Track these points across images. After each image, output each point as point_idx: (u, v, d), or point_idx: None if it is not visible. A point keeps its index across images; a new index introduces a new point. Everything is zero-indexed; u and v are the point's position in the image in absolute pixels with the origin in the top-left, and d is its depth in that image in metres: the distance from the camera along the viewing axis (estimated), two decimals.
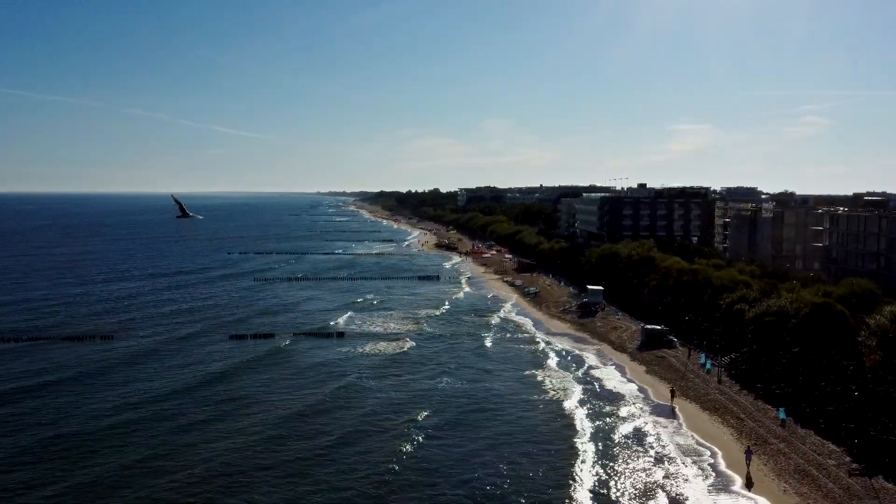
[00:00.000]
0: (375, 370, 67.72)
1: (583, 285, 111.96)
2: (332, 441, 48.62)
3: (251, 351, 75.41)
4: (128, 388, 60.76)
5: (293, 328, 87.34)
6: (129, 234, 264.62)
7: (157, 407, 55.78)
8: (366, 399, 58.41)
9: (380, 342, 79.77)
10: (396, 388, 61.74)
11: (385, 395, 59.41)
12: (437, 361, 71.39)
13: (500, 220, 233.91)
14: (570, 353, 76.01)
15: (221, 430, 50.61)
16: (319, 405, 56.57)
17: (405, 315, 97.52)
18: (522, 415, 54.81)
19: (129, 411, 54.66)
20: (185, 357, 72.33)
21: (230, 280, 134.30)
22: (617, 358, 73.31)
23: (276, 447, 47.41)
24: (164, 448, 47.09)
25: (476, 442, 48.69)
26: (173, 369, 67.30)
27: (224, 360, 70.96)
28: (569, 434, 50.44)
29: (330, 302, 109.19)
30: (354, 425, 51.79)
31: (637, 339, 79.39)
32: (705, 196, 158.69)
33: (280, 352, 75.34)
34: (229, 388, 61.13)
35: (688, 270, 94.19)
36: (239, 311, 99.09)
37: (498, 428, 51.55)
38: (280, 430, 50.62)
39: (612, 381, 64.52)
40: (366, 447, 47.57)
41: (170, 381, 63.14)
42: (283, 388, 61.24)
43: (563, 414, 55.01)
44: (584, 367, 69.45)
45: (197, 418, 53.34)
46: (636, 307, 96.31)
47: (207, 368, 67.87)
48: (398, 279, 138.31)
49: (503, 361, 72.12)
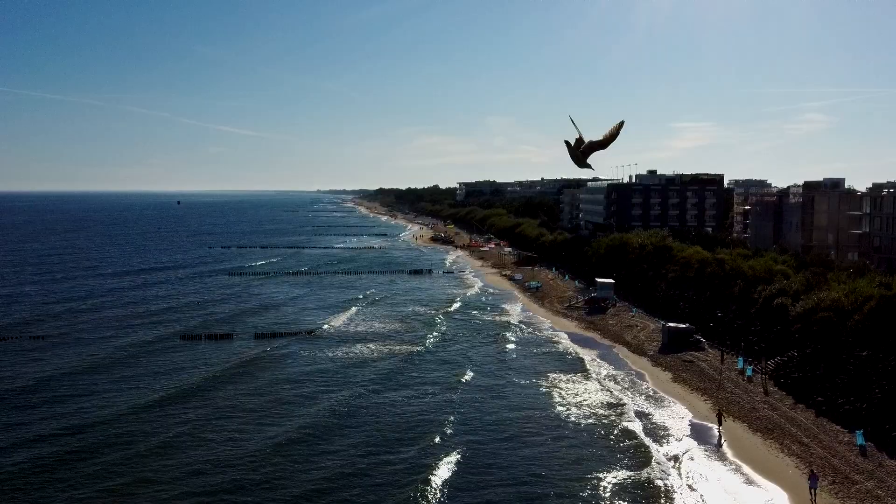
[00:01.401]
0: (354, 384, 55.95)
1: (590, 279, 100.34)
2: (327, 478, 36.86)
3: (213, 357, 63.65)
4: (66, 408, 48.49)
5: (256, 329, 75.58)
6: (113, 230, 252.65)
7: (103, 433, 43.51)
8: (356, 428, 46.61)
9: (359, 345, 68.00)
10: (395, 410, 49.95)
11: (379, 423, 47.64)
12: (429, 373, 59.60)
13: (500, 213, 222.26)
14: (577, 357, 64.19)
15: (185, 462, 38.75)
16: (306, 433, 44.34)
17: (388, 314, 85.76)
18: (540, 443, 43.05)
19: (68, 437, 42.68)
20: (137, 367, 60.24)
21: (203, 276, 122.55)
22: (635, 363, 61.48)
23: (256, 487, 35.62)
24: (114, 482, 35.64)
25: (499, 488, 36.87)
26: (122, 382, 55.05)
27: (191, 370, 59.17)
28: (587, 470, 38.59)
29: (302, 301, 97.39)
30: (352, 463, 39.23)
31: (657, 340, 67.66)
32: (720, 183, 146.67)
33: (252, 362, 63.41)
34: (195, 406, 49.10)
35: (712, 260, 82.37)
36: (200, 312, 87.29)
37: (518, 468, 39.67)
38: (261, 467, 38.28)
39: (634, 394, 52.66)
40: None
41: (118, 397, 50.83)
42: (261, 407, 49.25)
43: (573, 438, 43.25)
44: (599, 376, 57.59)
45: (155, 443, 41.52)
46: (652, 302, 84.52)
47: (168, 380, 56.02)
48: (387, 274, 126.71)
49: (500, 368, 60.32)
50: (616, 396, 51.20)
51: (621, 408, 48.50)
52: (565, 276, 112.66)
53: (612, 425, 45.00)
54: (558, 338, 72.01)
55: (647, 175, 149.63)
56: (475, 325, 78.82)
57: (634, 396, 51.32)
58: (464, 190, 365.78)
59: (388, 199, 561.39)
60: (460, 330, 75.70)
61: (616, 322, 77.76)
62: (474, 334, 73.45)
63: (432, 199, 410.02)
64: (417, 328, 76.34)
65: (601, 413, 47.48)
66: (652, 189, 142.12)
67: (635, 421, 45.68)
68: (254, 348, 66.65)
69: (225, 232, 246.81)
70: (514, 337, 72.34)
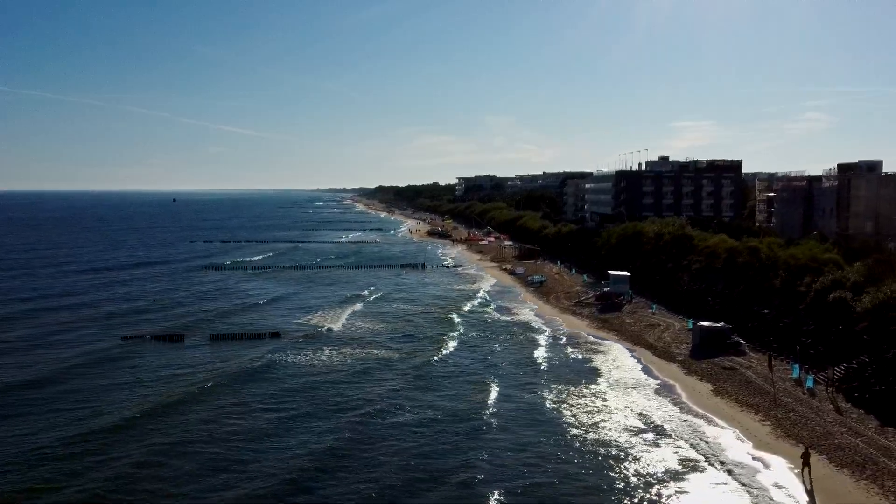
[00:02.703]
0: (328, 406, 45.05)
1: (600, 273, 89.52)
2: None
3: (160, 364, 52.78)
4: None
5: (215, 328, 64.70)
6: (96, 226, 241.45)
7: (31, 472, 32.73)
8: (353, 472, 35.66)
9: (331, 350, 57.07)
10: (394, 447, 39.01)
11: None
12: (425, 392, 48.66)
13: (500, 206, 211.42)
14: (593, 364, 53.20)
15: None
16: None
17: (370, 312, 74.88)
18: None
19: None
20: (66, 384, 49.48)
21: (175, 273, 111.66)
22: (663, 370, 50.44)
23: None
24: None
25: None
26: (56, 404, 44.38)
27: (132, 384, 48.32)
28: None
29: (275, 299, 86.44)
30: None
31: (686, 342, 56.70)
32: (738, 170, 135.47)
33: (210, 373, 52.50)
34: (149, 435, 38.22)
35: (744, 250, 71.36)
36: (156, 311, 76.46)
37: None
38: None
39: (668, 412, 41.65)
40: None
41: (51, 423, 40.10)
42: (207, 452, 38.39)
43: (592, 476, 32.30)
44: (620, 387, 46.59)
45: None
46: (674, 298, 73.59)
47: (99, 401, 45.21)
48: (378, 268, 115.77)
49: (499, 379, 49.37)
50: (645, 416, 40.18)
51: (655, 432, 37.48)
52: (572, 270, 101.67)
53: (646, 460, 33.98)
54: (567, 340, 60.94)
55: (658, 162, 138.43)
56: (469, 325, 67.82)
57: (668, 416, 40.26)
58: (463, 185, 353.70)
59: (387, 196, 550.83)
60: (456, 329, 64.73)
61: (634, 320, 66.73)
62: (464, 337, 62.46)
63: (431, 195, 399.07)
64: (403, 329, 65.41)
65: (627, 441, 36.46)
66: (664, 176, 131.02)
67: (676, 454, 34.64)
68: (207, 354, 55.75)
69: (213, 228, 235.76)
70: (512, 337, 61.36)
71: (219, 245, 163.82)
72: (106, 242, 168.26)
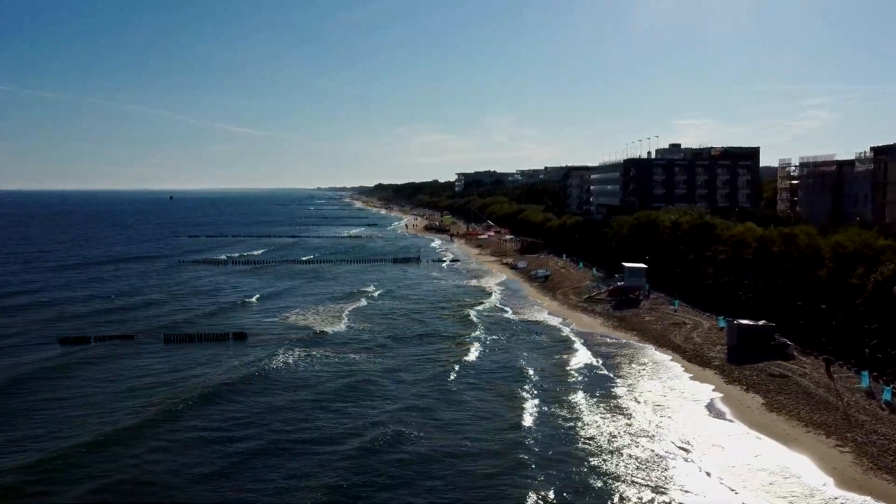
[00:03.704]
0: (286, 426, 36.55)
1: (611, 266, 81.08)
2: None
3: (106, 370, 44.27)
4: None
5: (170, 328, 56.23)
6: (80, 222, 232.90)
7: None
8: None
9: (315, 353, 48.60)
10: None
11: None
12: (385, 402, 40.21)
13: (500, 200, 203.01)
14: (620, 372, 44.69)
15: None
16: None
17: (351, 310, 66.46)
18: None
19: None
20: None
21: (148, 270, 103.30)
22: (698, 377, 41.89)
23: None
24: None
25: None
26: None
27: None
28: None
29: (249, 294, 78.05)
30: None
31: (720, 344, 48.17)
32: (755, 157, 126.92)
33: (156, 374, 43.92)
34: None
35: (778, 238, 62.83)
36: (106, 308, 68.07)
37: None
38: None
39: (717, 431, 33.10)
40: None
41: None
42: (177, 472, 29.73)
43: None
44: (651, 403, 38.07)
45: None
46: (698, 292, 65.05)
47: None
48: (368, 262, 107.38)
49: (527, 389, 40.88)
50: (683, 440, 31.64)
51: (708, 464, 28.95)
52: (579, 264, 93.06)
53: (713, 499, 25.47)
54: (578, 341, 52.42)
55: (668, 149, 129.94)
56: (472, 325, 59.32)
57: (717, 441, 31.71)
58: (462, 181, 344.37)
59: (386, 194, 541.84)
60: (443, 329, 56.26)
61: (655, 318, 58.14)
62: (471, 339, 53.97)
63: (430, 192, 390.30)
64: (391, 326, 56.95)
65: (669, 481, 27.94)
66: (677, 164, 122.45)
67: (739, 496, 26.11)
68: (158, 361, 47.29)
69: (202, 224, 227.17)
70: (515, 340, 52.84)
71: (204, 240, 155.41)
72: (83, 238, 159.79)
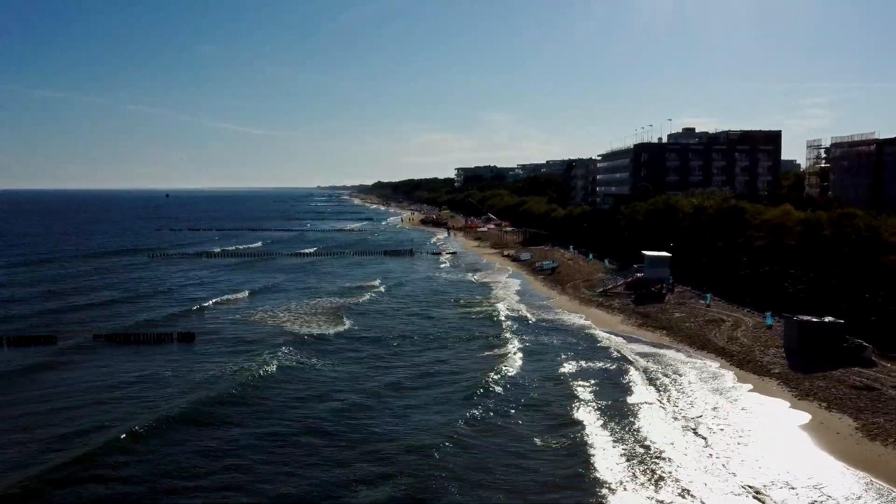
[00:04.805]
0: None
1: (623, 257, 72.05)
2: None
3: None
4: None
5: (104, 327, 47.03)
6: (60, 218, 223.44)
7: None
8: None
9: (248, 354, 39.43)
10: None
11: None
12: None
13: (500, 193, 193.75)
14: (643, 381, 35.41)
15: None
16: None
17: (320, 307, 57.26)
18: None
19: None
20: None
21: (116, 266, 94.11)
22: (758, 388, 32.62)
23: None
24: None
25: None
26: None
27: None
28: None
29: (206, 288, 68.90)
30: None
31: (772, 345, 38.90)
32: (777, 141, 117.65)
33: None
34: None
35: (827, 221, 53.61)
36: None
37: None
38: None
39: (817, 469, 23.81)
40: None
41: None
42: None
43: None
44: (704, 427, 28.82)
45: None
46: (731, 284, 55.72)
47: None
48: (358, 256, 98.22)
49: (577, 411, 31.70)
50: (765, 482, 22.38)
51: None
52: (589, 256, 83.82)
53: None
54: (602, 342, 43.16)
55: (682, 133, 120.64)
56: (464, 323, 50.13)
57: (808, 481, 22.44)
58: (462, 176, 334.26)
59: (385, 191, 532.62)
60: (434, 330, 47.08)
61: (686, 315, 48.83)
62: (454, 339, 44.77)
63: (429, 188, 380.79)
64: (376, 325, 47.76)
65: None
66: (691, 149, 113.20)
67: None
68: (84, 369, 38.13)
69: (192, 219, 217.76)
70: (543, 344, 43.64)
71: (188, 234, 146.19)
72: (60, 233, 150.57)
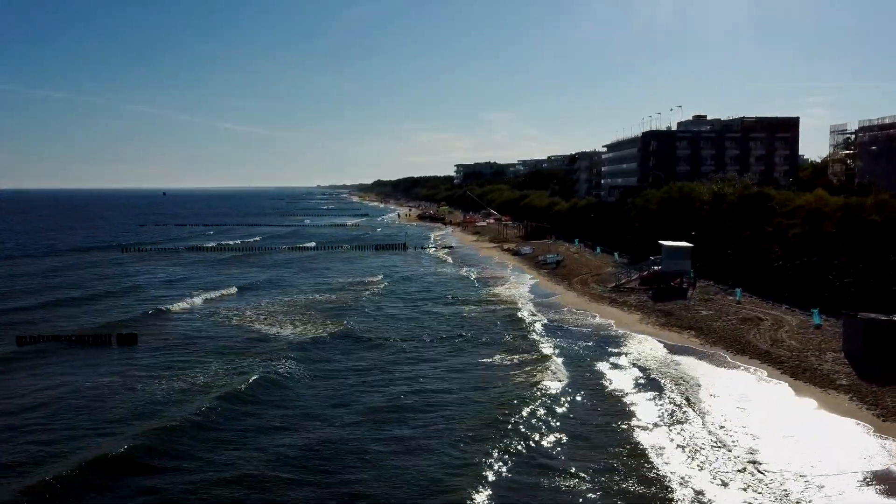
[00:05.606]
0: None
1: (634, 251, 65.45)
2: None
3: None
4: None
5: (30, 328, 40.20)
6: (44, 214, 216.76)
7: None
8: None
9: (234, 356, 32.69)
10: None
11: None
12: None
13: (500, 188, 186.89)
14: (680, 395, 28.61)
15: None
16: None
17: (306, 306, 50.49)
18: None
19: None
20: None
21: (92, 258, 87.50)
22: (824, 404, 25.82)
23: None
24: None
25: None
26: None
27: None
28: None
29: (175, 282, 62.19)
30: None
31: (830, 349, 32.08)
32: (795, 128, 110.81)
33: None
34: None
35: (873, 206, 46.83)
36: None
37: None
38: None
39: None
40: None
41: None
42: None
43: None
44: (765, 467, 21.98)
45: None
46: (763, 278, 48.90)
47: None
48: (350, 251, 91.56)
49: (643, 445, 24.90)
50: None
51: None
52: (596, 249, 77.06)
53: None
54: (622, 346, 36.35)
55: (693, 121, 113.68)
56: (461, 325, 43.37)
57: None
58: (461, 172, 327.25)
59: (385, 189, 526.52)
60: (430, 334, 40.33)
61: (715, 313, 41.93)
62: (447, 347, 38.03)
63: (429, 185, 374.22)
64: (367, 324, 41.00)
65: None
66: (703, 137, 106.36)
67: None
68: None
69: (184, 216, 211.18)
70: (517, 343, 36.79)
71: (174, 229, 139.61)
72: (35, 230, 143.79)
